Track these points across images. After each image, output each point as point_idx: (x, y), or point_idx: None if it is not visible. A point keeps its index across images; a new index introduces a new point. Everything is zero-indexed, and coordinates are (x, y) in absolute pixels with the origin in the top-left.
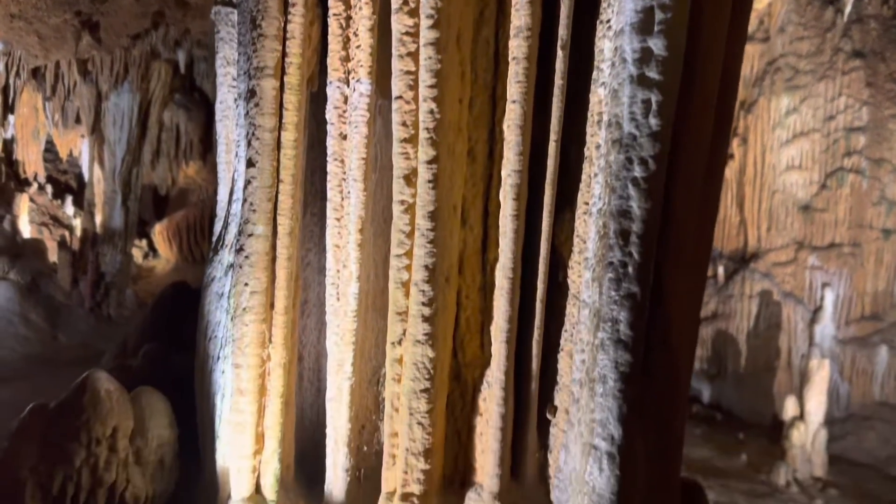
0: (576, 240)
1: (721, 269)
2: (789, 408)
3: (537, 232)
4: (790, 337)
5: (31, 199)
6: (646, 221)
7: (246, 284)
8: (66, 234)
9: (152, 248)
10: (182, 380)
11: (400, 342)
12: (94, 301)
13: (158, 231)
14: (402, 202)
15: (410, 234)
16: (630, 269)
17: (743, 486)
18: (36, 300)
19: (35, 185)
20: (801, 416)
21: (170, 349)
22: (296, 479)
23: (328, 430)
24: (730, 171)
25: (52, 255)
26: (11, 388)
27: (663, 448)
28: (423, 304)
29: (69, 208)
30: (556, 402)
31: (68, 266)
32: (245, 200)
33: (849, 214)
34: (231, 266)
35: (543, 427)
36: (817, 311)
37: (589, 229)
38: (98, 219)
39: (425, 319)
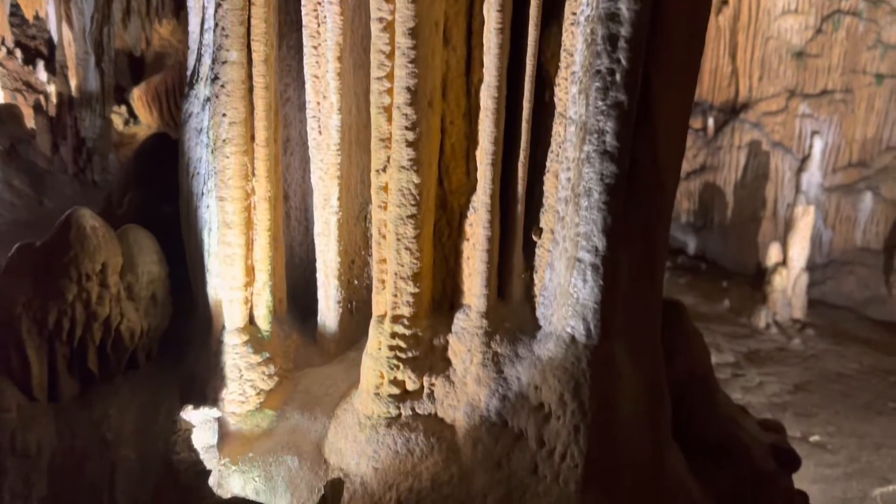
0: (563, 54)
1: (711, 121)
2: (773, 254)
3: (523, 49)
4: (777, 186)
5: (1, 65)
6: (634, 25)
7: (224, 115)
8: (42, 99)
9: (132, 114)
10: (170, 226)
11: (384, 169)
12: (78, 167)
13: (137, 96)
14: (381, 20)
15: (391, 55)
16: (618, 77)
17: (725, 329)
18: (18, 166)
19: (3, 51)
20: (783, 262)
21: (157, 199)
22: (289, 313)
23: (318, 264)
24: (723, 19)
25: (29, 122)
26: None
27: (647, 259)
28: (407, 128)
29: (42, 74)
30: (542, 224)
31: (47, 131)
32: (217, 26)
33: (843, 60)
34: (208, 99)
35: (529, 249)
36: (805, 159)
37: (576, 40)
38: (73, 82)
39: (409, 144)
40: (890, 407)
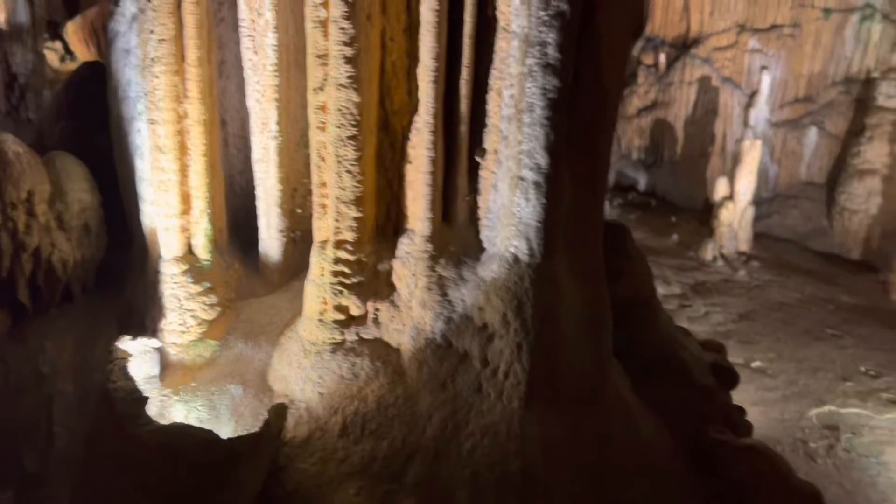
0: None
1: (663, 57)
2: (720, 188)
3: None
4: (726, 122)
5: None
6: None
7: (152, 32)
8: None
9: (68, 50)
10: (105, 157)
11: (322, 88)
12: (10, 104)
13: (72, 31)
14: None
15: None
16: None
17: (673, 262)
18: None
19: None
20: (730, 197)
21: (89, 129)
22: (231, 243)
23: (258, 192)
24: None
25: None
26: None
27: (590, 176)
28: (344, 43)
29: None
30: (486, 144)
31: None
32: None
33: None
34: (135, 16)
35: (473, 171)
36: (754, 94)
37: None
38: (1, 16)
39: (348, 61)
40: (828, 333)
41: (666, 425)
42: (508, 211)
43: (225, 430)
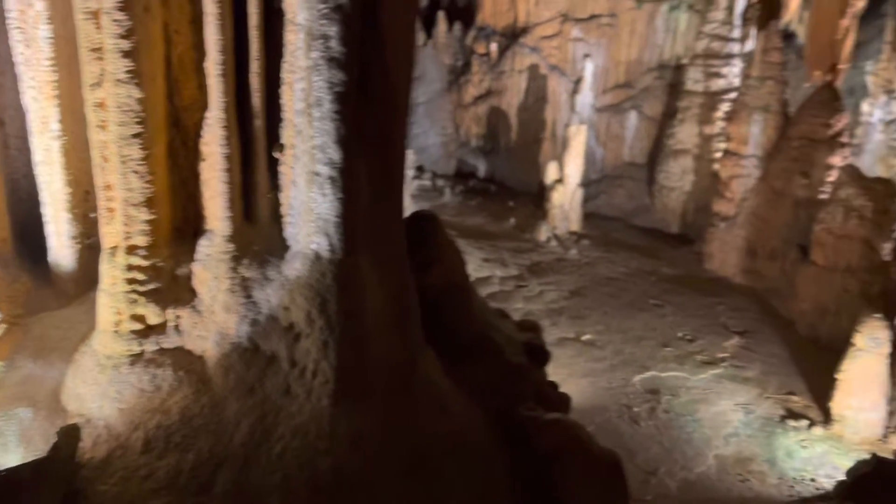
0: None
1: (494, 46)
2: (551, 172)
3: None
4: (555, 108)
5: None
6: None
7: None
8: None
9: None
10: None
11: (100, 83)
12: None
13: None
14: None
15: None
16: None
17: (510, 245)
18: None
19: None
20: (561, 180)
21: None
22: (17, 254)
23: (43, 197)
24: None
25: None
26: None
27: (385, 167)
28: (121, 36)
29: None
30: (283, 139)
31: None
32: None
33: None
34: None
35: (274, 166)
36: (578, 81)
37: None
38: None
39: (125, 55)
40: (650, 303)
41: (479, 406)
42: (307, 207)
43: (12, 459)
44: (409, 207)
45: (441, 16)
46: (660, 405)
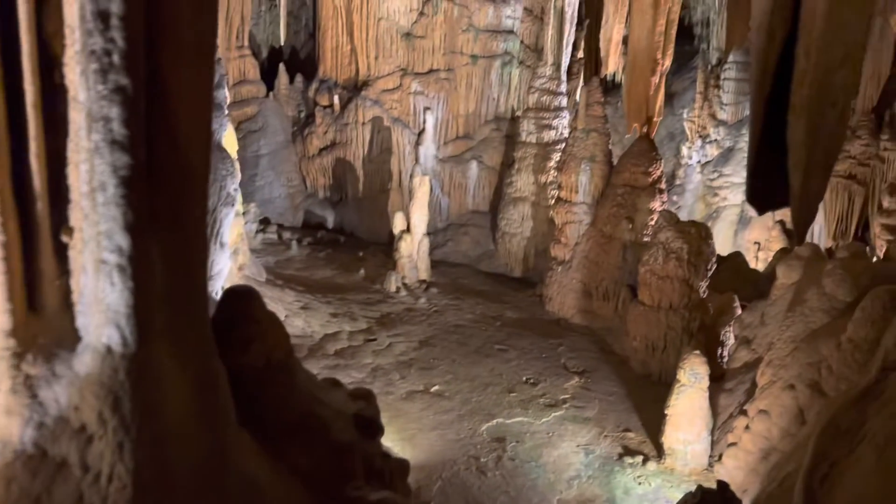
0: (66, 30)
1: (336, 99)
2: (398, 223)
3: (14, 20)
4: (399, 159)
5: None
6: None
7: None
8: None
9: None
10: None
11: None
12: None
13: None
14: None
15: None
16: (116, 59)
17: (360, 297)
18: None
19: None
20: (408, 230)
21: None
22: None
23: None
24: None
25: None
26: None
27: (184, 253)
28: None
29: None
30: (72, 222)
31: None
32: None
33: (443, 41)
34: None
35: (62, 251)
36: (420, 133)
37: (74, 14)
38: None
39: None
40: (496, 349)
41: (304, 491)
42: (97, 297)
43: None
44: (250, 259)
45: (282, 68)
46: (506, 453)
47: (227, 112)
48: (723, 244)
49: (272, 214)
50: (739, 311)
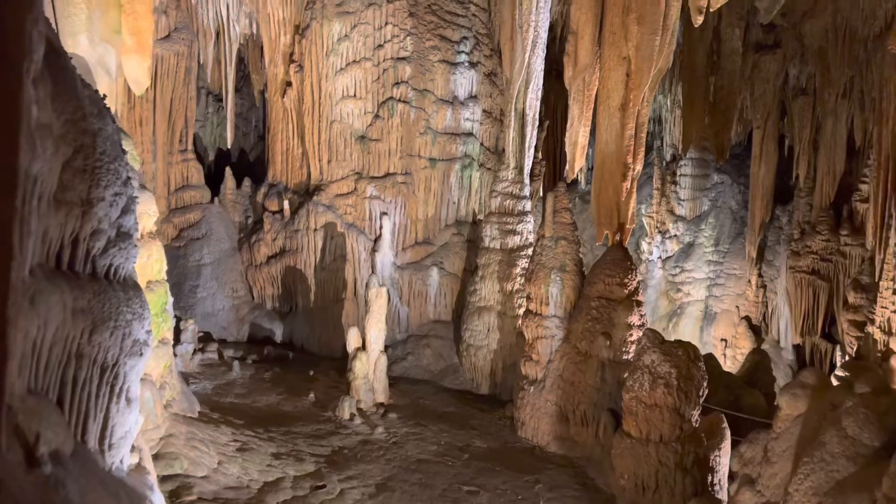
0: None
1: (286, 204)
2: (352, 339)
3: None
4: (355, 267)
5: None
6: None
7: None
8: None
9: None
10: None
11: None
12: None
13: None
14: None
15: None
16: None
17: (309, 429)
18: None
19: None
20: (363, 347)
21: None
22: None
23: None
24: (289, 101)
25: None
26: None
27: None
28: None
29: None
30: None
31: None
32: None
33: (400, 144)
34: None
35: None
36: (377, 239)
37: None
38: None
39: None
40: (464, 491)
41: None
42: None
43: None
44: (180, 393)
45: (228, 172)
46: None
47: (135, 243)
48: (689, 341)
49: (215, 329)
50: (728, 433)
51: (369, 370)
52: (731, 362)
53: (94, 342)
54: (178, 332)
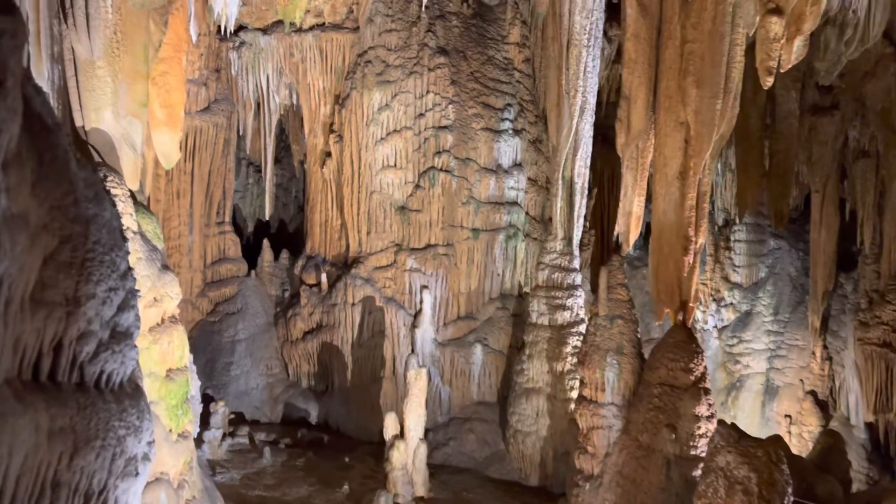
0: None
1: (324, 277)
2: (389, 426)
3: None
4: (394, 343)
5: None
6: None
7: None
8: None
9: None
10: None
11: None
12: None
13: None
14: None
15: None
16: None
17: None
18: None
19: None
20: (401, 434)
21: None
22: None
23: None
24: (328, 171)
25: None
26: None
27: None
28: None
29: None
30: None
31: None
32: None
33: (441, 214)
34: None
35: None
36: (417, 314)
37: None
38: None
39: None
40: None
41: None
42: None
43: None
44: (201, 490)
45: (266, 245)
46: None
47: (134, 343)
48: (750, 417)
49: (248, 409)
50: None
51: (408, 460)
52: (797, 441)
53: (74, 467)
54: (207, 415)
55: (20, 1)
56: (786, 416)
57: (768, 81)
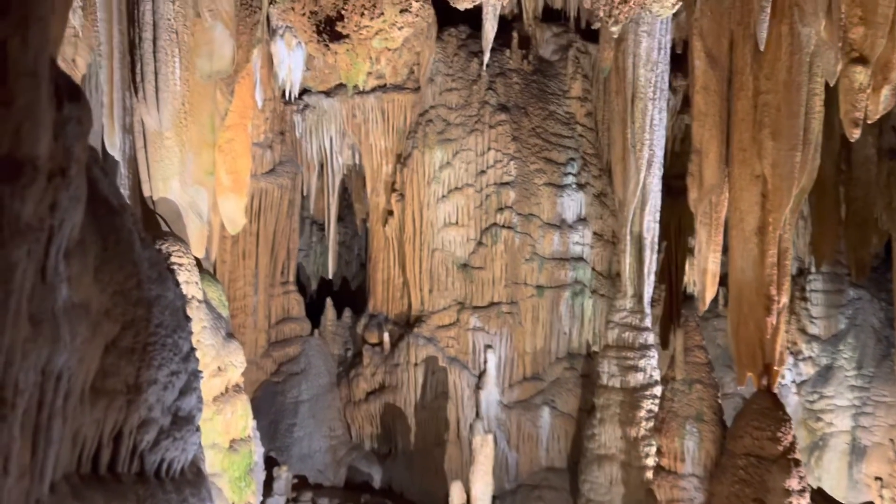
0: None
1: (387, 336)
2: (455, 496)
3: None
4: (458, 405)
5: None
6: None
7: None
8: None
9: None
10: None
11: None
12: None
13: None
14: None
15: None
16: None
17: None
18: None
19: None
20: (468, 503)
21: None
22: None
23: None
24: (390, 230)
25: None
26: None
27: None
28: None
29: None
30: None
31: None
32: None
33: (505, 272)
34: None
35: None
36: (481, 375)
37: None
38: None
39: None
40: None
41: None
42: None
43: None
44: None
45: (329, 303)
46: None
47: (196, 426)
48: (836, 479)
49: (311, 472)
50: None
51: None
52: None
53: None
54: (270, 480)
55: (97, 72)
56: (876, 478)
57: (855, 133)
